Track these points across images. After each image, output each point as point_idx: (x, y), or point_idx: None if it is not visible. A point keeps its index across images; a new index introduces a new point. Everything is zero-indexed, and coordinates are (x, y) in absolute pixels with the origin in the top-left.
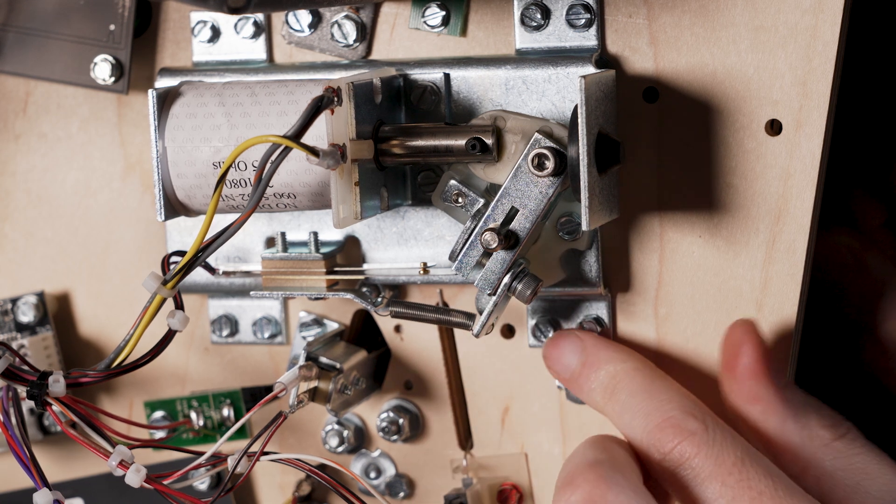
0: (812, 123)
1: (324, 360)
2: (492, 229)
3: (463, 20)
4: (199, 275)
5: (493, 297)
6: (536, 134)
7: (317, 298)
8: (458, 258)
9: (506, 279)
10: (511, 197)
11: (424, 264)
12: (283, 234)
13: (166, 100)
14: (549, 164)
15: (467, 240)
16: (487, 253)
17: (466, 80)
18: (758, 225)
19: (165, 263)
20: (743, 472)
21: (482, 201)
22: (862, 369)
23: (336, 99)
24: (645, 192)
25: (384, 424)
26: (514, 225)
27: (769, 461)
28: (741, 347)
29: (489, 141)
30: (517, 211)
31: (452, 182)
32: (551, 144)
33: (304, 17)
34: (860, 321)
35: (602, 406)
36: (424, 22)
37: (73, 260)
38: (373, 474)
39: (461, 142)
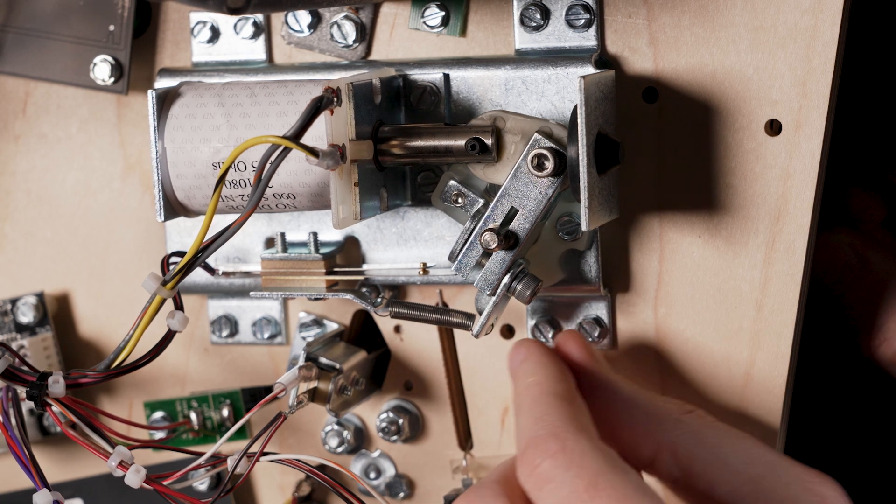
0: (812, 124)
1: (323, 360)
2: (491, 230)
3: (462, 20)
4: (198, 275)
5: (493, 298)
6: (536, 134)
7: (316, 299)
8: (458, 258)
9: (505, 279)
10: (511, 197)
11: (424, 265)
12: (282, 235)
13: (166, 100)
14: (549, 165)
15: (467, 240)
16: (487, 253)
17: (466, 81)
18: (757, 225)
19: (165, 264)
20: (595, 497)
21: (482, 202)
22: (862, 368)
23: (335, 99)
24: (645, 192)
25: (384, 425)
26: (514, 225)
27: (629, 479)
28: (565, 348)
29: (489, 141)
30: (517, 211)
31: (452, 182)
32: (551, 145)
33: (304, 17)
34: (862, 320)
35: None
36: (424, 22)
37: (72, 260)
38: (372, 475)
39: (461, 142)
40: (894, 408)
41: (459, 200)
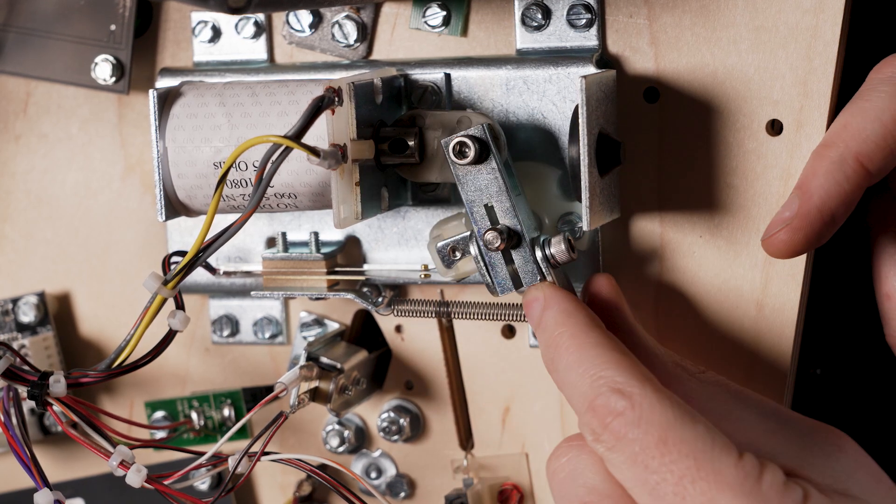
0: (812, 123)
1: (324, 360)
2: (490, 230)
3: (464, 20)
4: (199, 275)
5: (549, 278)
6: (442, 141)
7: (317, 298)
8: (496, 284)
9: (538, 257)
10: (475, 201)
11: (425, 266)
12: (283, 234)
13: (167, 100)
14: (471, 151)
15: (485, 262)
16: (508, 259)
17: (467, 81)
18: (758, 225)
19: (166, 263)
20: (665, 453)
21: (468, 231)
22: (863, 368)
23: (337, 99)
24: (645, 192)
25: (385, 424)
26: (500, 219)
27: (699, 430)
28: (599, 290)
29: (411, 142)
30: (492, 206)
31: (438, 246)
32: (460, 135)
33: (305, 17)
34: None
35: (550, 375)
36: (425, 22)
37: (73, 260)
38: (373, 474)
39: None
40: (894, 409)
41: (457, 253)
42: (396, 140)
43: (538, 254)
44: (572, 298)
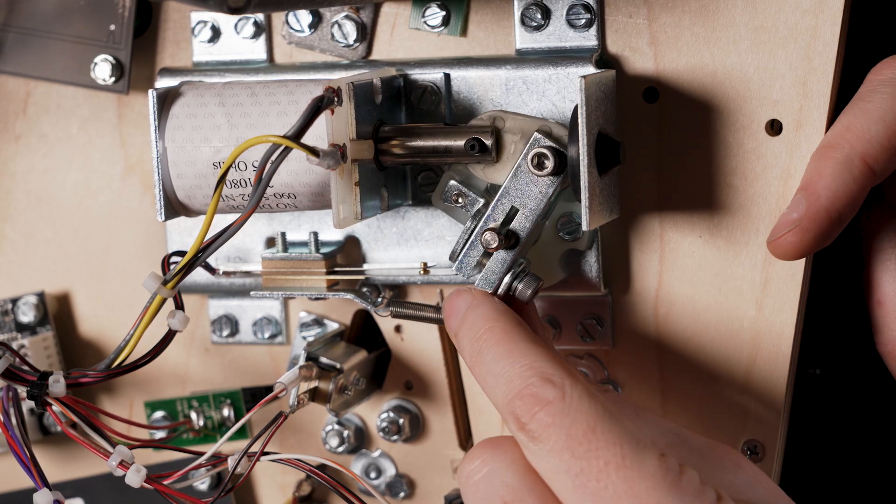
0: (812, 123)
1: (324, 360)
2: (492, 229)
3: (463, 20)
4: (199, 275)
5: (497, 294)
6: (536, 133)
7: (317, 298)
8: (459, 258)
9: (506, 279)
10: (511, 197)
11: (425, 264)
12: (283, 234)
13: (166, 100)
14: (549, 164)
15: (467, 240)
16: (488, 253)
17: (467, 81)
18: (758, 225)
19: (166, 263)
20: (592, 441)
21: (482, 201)
22: (863, 368)
23: (336, 99)
24: (645, 192)
25: (384, 424)
26: (515, 225)
27: (623, 423)
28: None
29: (488, 142)
30: (517, 210)
31: (452, 182)
32: (551, 144)
33: (305, 17)
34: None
35: (470, 368)
36: (425, 22)
37: (73, 260)
38: (373, 474)
39: (460, 142)
40: (894, 409)
41: (460, 200)
42: (473, 139)
43: (507, 277)
44: (501, 303)
